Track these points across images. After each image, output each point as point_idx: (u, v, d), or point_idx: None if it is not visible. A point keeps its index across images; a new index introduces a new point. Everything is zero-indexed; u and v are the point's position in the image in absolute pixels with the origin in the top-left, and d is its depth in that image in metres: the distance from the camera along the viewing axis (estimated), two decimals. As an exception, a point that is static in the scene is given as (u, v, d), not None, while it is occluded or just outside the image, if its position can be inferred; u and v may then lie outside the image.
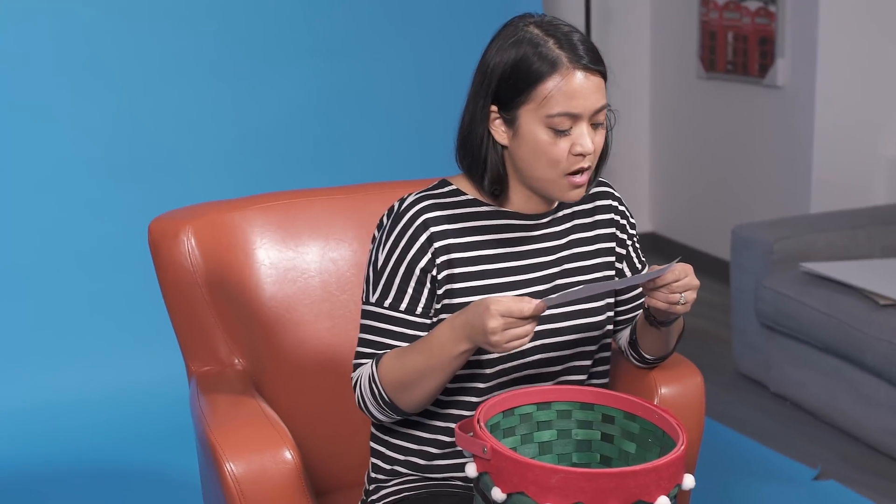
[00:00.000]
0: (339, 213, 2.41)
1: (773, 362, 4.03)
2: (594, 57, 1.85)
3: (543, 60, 1.82)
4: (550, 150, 1.84)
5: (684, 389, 2.16)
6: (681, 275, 1.86)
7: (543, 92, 1.82)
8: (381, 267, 1.94)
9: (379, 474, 2.04)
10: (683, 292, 1.86)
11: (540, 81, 1.82)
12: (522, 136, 1.86)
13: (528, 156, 1.87)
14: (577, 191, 1.90)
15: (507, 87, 1.85)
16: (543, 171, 1.87)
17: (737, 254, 4.16)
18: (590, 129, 1.86)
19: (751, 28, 4.93)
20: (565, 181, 1.88)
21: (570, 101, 1.82)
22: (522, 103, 1.84)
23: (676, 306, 1.87)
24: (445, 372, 1.85)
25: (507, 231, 1.97)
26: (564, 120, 1.83)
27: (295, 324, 2.32)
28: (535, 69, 1.82)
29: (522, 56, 1.83)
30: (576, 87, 1.82)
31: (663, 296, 1.87)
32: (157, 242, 2.31)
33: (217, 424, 2.01)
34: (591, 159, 1.88)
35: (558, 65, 1.82)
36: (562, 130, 1.83)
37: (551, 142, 1.84)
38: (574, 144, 1.84)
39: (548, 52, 1.83)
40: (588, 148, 1.84)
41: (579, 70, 1.82)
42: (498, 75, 1.86)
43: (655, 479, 1.62)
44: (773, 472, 3.50)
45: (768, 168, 5.01)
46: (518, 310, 1.72)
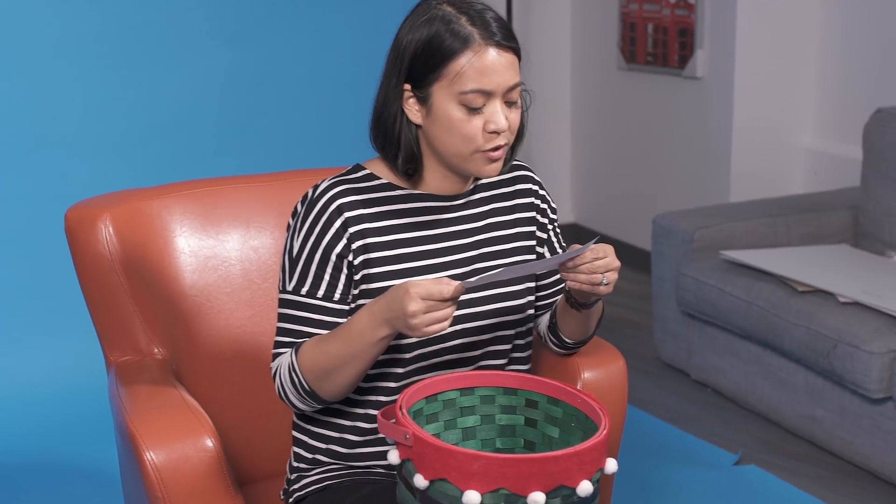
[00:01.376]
0: (259, 200, 2.39)
1: (694, 349, 4.07)
2: (507, 34, 1.85)
3: (455, 37, 1.82)
4: (464, 128, 1.84)
5: (607, 374, 2.17)
6: (601, 254, 1.86)
7: (456, 69, 1.82)
8: (296, 254, 1.92)
9: (301, 463, 2.02)
10: (605, 272, 1.86)
11: (452, 58, 1.82)
12: (436, 113, 1.85)
13: (442, 133, 1.86)
14: (493, 165, 1.89)
15: (420, 65, 1.84)
16: (457, 147, 1.86)
17: (657, 243, 4.19)
18: (504, 107, 1.85)
19: (670, 20, 4.97)
20: (480, 156, 1.87)
21: (482, 78, 1.81)
22: (435, 81, 1.84)
23: (599, 287, 1.87)
24: (366, 359, 1.83)
25: (423, 214, 1.96)
26: (477, 97, 1.82)
27: (216, 312, 2.30)
28: (447, 46, 1.82)
29: (435, 33, 1.83)
30: (488, 64, 1.82)
31: (585, 277, 1.86)
32: (74, 230, 2.27)
33: (136, 413, 1.98)
34: (507, 137, 1.87)
35: (470, 41, 1.81)
36: (475, 108, 1.83)
37: (465, 119, 1.83)
38: (488, 122, 1.84)
39: (460, 28, 1.82)
40: (502, 125, 1.84)
41: (492, 47, 1.82)
42: (410, 53, 1.85)
43: (578, 464, 1.62)
44: (694, 457, 3.54)
45: (688, 158, 5.05)
46: (438, 292, 1.72)
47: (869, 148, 4.01)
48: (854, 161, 4.34)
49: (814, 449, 3.58)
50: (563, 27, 5.76)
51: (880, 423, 3.30)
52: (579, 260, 1.85)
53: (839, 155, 4.65)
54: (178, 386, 2.14)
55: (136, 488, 2.00)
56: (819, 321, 3.44)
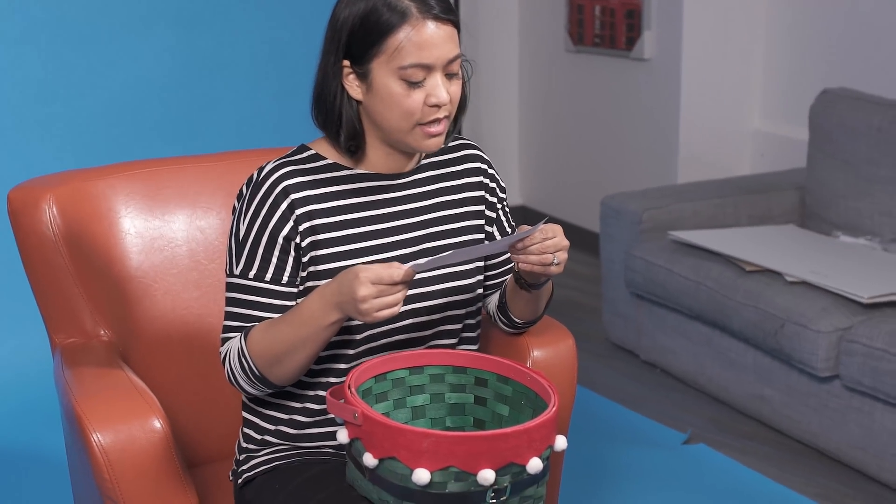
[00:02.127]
0: (206, 181, 2.36)
1: (644, 330, 4.09)
2: (445, 6, 1.84)
3: (393, 11, 1.80)
4: (404, 102, 1.83)
5: (556, 352, 2.17)
6: (550, 234, 1.85)
7: (394, 44, 1.80)
8: (242, 238, 1.90)
9: (250, 444, 2.00)
10: (555, 252, 1.86)
11: (390, 33, 1.80)
12: (376, 89, 1.84)
13: (383, 108, 1.85)
14: (434, 140, 1.88)
15: (358, 41, 1.83)
16: (398, 122, 1.85)
17: (606, 224, 4.20)
18: (444, 80, 1.84)
19: (618, 1, 4.98)
20: (420, 131, 1.86)
21: (421, 52, 1.80)
22: (374, 56, 1.82)
23: (550, 267, 1.86)
24: (316, 343, 1.82)
25: (369, 194, 1.94)
26: (417, 71, 1.81)
27: (162, 293, 2.27)
28: (384, 21, 1.80)
29: (371, 8, 1.81)
30: (427, 38, 1.80)
31: (536, 258, 1.85)
32: (17, 212, 2.24)
33: (83, 395, 1.96)
34: (448, 109, 1.86)
35: (408, 15, 1.80)
36: (415, 82, 1.82)
37: (405, 94, 1.82)
38: (429, 95, 1.83)
39: (397, 3, 1.81)
40: (443, 98, 1.83)
41: (430, 20, 1.81)
42: (348, 29, 1.83)
43: (527, 441, 1.62)
44: (643, 437, 3.56)
45: (637, 140, 5.07)
46: (388, 276, 1.70)
47: (815, 129, 4.04)
48: (800, 142, 4.37)
49: (762, 428, 3.61)
50: (511, 8, 5.75)
51: (827, 401, 3.33)
52: (529, 241, 1.84)
53: (786, 136, 4.68)
54: (125, 368, 2.11)
55: (83, 472, 1.98)
56: (767, 301, 3.46)
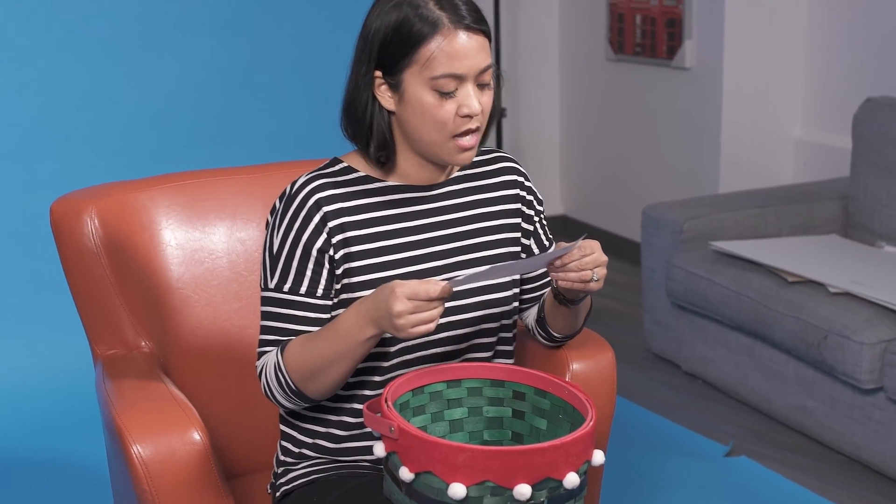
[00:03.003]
0: (246, 192, 2.38)
1: (685, 341, 4.06)
2: (476, 16, 1.83)
3: (424, 21, 1.80)
4: (437, 113, 1.83)
5: (595, 365, 2.16)
6: (588, 250, 1.84)
7: (426, 54, 1.80)
8: (276, 251, 1.90)
9: (288, 457, 2.01)
10: (594, 268, 1.85)
11: (422, 43, 1.80)
12: (408, 99, 1.84)
13: (415, 119, 1.85)
14: (466, 154, 1.88)
15: (390, 51, 1.83)
16: (430, 134, 1.85)
17: (647, 234, 4.19)
18: (476, 90, 1.84)
19: (658, 10, 4.96)
20: (453, 144, 1.86)
21: (453, 62, 1.80)
22: (406, 66, 1.82)
23: (590, 284, 1.86)
24: (352, 358, 1.82)
25: (402, 206, 1.95)
26: (449, 81, 1.81)
27: (202, 305, 2.29)
28: (416, 31, 1.81)
29: (403, 18, 1.81)
30: (458, 48, 1.80)
31: (575, 275, 1.84)
32: (60, 223, 2.26)
33: (123, 407, 1.97)
34: (480, 120, 1.86)
35: (440, 25, 1.80)
36: (447, 92, 1.82)
37: (437, 104, 1.82)
38: (461, 106, 1.83)
39: (428, 13, 1.81)
40: (475, 109, 1.83)
41: (461, 30, 1.81)
42: (380, 39, 1.84)
43: (564, 456, 1.62)
44: (685, 448, 3.54)
45: (677, 149, 5.05)
46: (424, 291, 1.70)
47: (858, 137, 4.01)
48: (843, 151, 4.33)
49: (804, 439, 3.58)
50: (552, 18, 5.75)
51: (871, 413, 3.30)
52: (567, 258, 1.83)
53: (828, 145, 4.65)
54: (164, 379, 2.13)
55: (123, 482, 1.99)
56: (809, 312, 3.43)
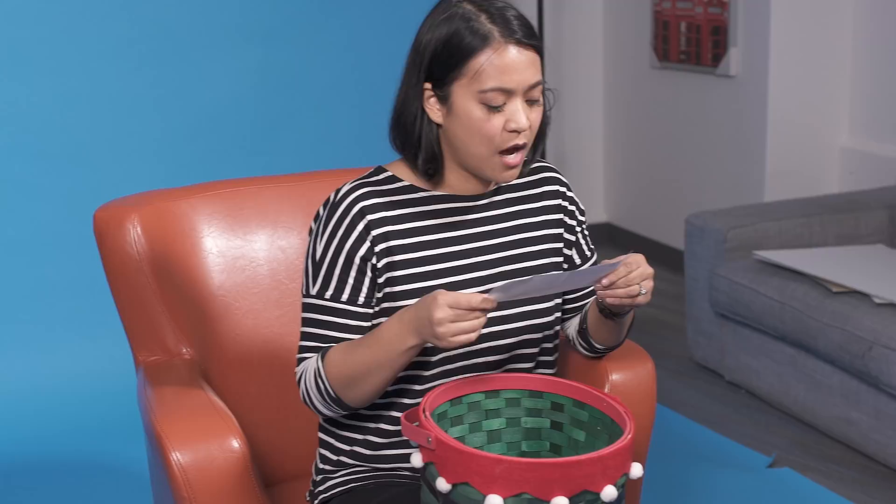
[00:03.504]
0: (286, 200, 2.39)
1: (728, 350, 4.04)
2: (528, 31, 1.83)
3: (475, 35, 1.80)
4: (484, 126, 1.82)
5: (635, 376, 2.15)
6: (634, 265, 1.83)
7: (475, 66, 1.80)
8: (319, 258, 1.91)
9: (326, 465, 2.01)
10: (641, 282, 1.84)
11: (472, 56, 1.80)
12: (456, 112, 1.84)
13: (463, 133, 1.84)
14: (511, 172, 1.87)
15: (440, 63, 1.83)
16: (477, 147, 1.84)
17: (691, 242, 4.16)
18: (525, 106, 1.83)
19: (703, 18, 4.94)
20: (499, 160, 1.85)
21: (502, 76, 1.80)
22: (455, 79, 1.82)
23: (638, 298, 1.85)
24: (392, 367, 1.82)
25: (446, 215, 1.94)
26: (497, 95, 1.80)
27: (243, 313, 2.29)
28: (466, 44, 1.80)
29: (454, 31, 1.81)
30: (508, 62, 1.80)
31: (622, 291, 1.83)
32: (103, 231, 2.28)
33: (163, 414, 1.99)
34: (527, 136, 1.85)
35: (490, 39, 1.80)
36: (495, 106, 1.81)
37: (485, 118, 1.82)
38: (508, 121, 1.82)
39: (480, 26, 1.81)
40: (523, 124, 1.82)
41: (512, 44, 1.80)
42: (431, 52, 1.84)
43: (601, 469, 1.61)
44: (728, 459, 3.51)
45: (722, 157, 5.02)
46: (465, 301, 1.70)
47: (905, 147, 3.97)
48: (891, 159, 4.29)
49: (849, 451, 3.54)
50: (596, 25, 5.74)
51: (916, 425, 3.26)
52: (614, 276, 1.82)
53: (875, 153, 4.60)
54: (205, 387, 2.14)
55: (163, 488, 2.01)
56: (854, 322, 3.40)
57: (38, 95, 4.06)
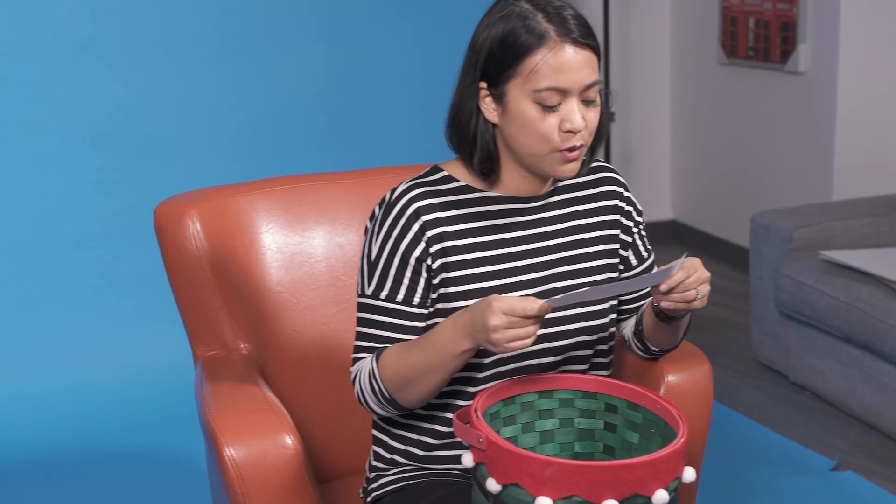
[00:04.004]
0: (346, 197, 2.39)
1: (793, 351, 3.99)
2: (585, 31, 1.81)
3: (531, 33, 1.79)
4: (539, 126, 1.80)
5: (692, 378, 2.12)
6: (690, 270, 1.80)
7: (530, 65, 1.78)
8: (374, 258, 1.91)
9: (380, 462, 2.02)
10: (698, 287, 1.82)
11: (527, 55, 1.79)
12: (511, 111, 1.82)
13: (518, 132, 1.83)
14: (570, 165, 1.85)
15: (495, 62, 1.82)
16: (533, 147, 1.83)
17: (756, 241, 4.12)
18: (580, 106, 1.81)
19: (772, 13, 4.88)
20: (557, 155, 1.83)
21: (557, 76, 1.78)
22: (510, 78, 1.81)
23: (694, 303, 1.82)
24: (446, 370, 1.81)
25: (502, 216, 1.93)
26: (552, 95, 1.79)
27: (301, 309, 2.30)
28: (522, 42, 1.79)
29: (510, 30, 1.80)
30: (564, 61, 1.78)
31: (679, 296, 1.81)
32: (163, 227, 2.30)
33: (218, 409, 2.00)
34: (584, 137, 1.83)
35: (546, 38, 1.78)
36: (550, 106, 1.79)
37: (539, 117, 1.80)
38: (563, 121, 1.80)
39: (536, 25, 1.79)
40: (578, 124, 1.80)
41: (568, 44, 1.78)
42: (486, 50, 1.83)
43: (653, 472, 1.59)
44: (790, 462, 3.47)
45: (789, 155, 4.95)
46: (521, 308, 1.68)
47: (977, 146, 3.90)
48: (962, 159, 4.21)
49: (914, 455, 3.49)
50: (664, 21, 5.69)
51: (984, 430, 3.20)
52: (672, 282, 1.80)
53: (947, 152, 4.52)
54: (260, 382, 2.15)
55: (218, 483, 2.02)
56: (921, 324, 3.34)
57: (103, 91, 4.10)
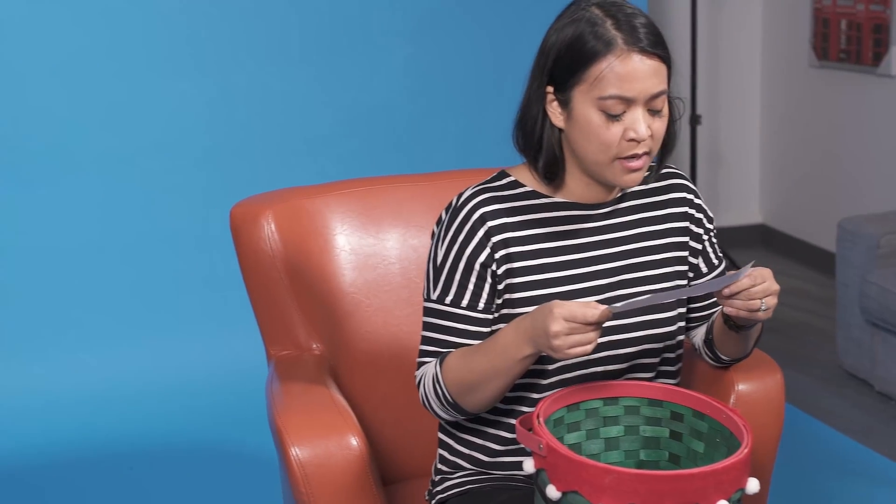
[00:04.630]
0: (419, 200, 2.40)
1: (879, 360, 3.92)
2: (654, 41, 1.78)
3: (599, 40, 1.77)
4: (602, 134, 1.79)
5: (763, 386, 2.09)
6: (758, 280, 1.78)
7: (596, 72, 1.77)
8: (440, 263, 1.91)
9: (444, 466, 2.02)
10: (764, 297, 1.79)
11: (593, 61, 1.77)
12: (576, 118, 1.81)
13: (581, 138, 1.82)
14: (633, 175, 1.83)
15: (562, 67, 1.81)
16: (595, 154, 1.81)
17: (842, 247, 4.05)
18: (646, 115, 1.79)
19: (864, 15, 4.79)
20: (619, 165, 1.81)
21: (622, 84, 1.76)
22: (576, 84, 1.79)
23: (758, 313, 1.80)
24: (509, 375, 1.81)
25: (567, 223, 1.92)
26: (617, 104, 1.77)
27: (374, 310, 2.32)
28: (589, 48, 1.78)
29: (578, 35, 1.79)
30: (630, 70, 1.76)
31: (742, 303, 1.79)
32: (239, 227, 2.33)
33: (285, 409, 2.02)
34: (648, 146, 1.81)
35: (613, 45, 1.77)
36: (614, 115, 1.78)
37: (603, 125, 1.79)
38: (627, 130, 1.78)
39: (604, 32, 1.78)
40: (642, 134, 1.78)
41: (635, 52, 1.76)
42: (554, 54, 1.82)
43: (714, 483, 1.58)
44: (872, 472, 3.41)
45: (880, 159, 4.86)
46: (582, 314, 1.68)
47: None
48: None
49: None
50: (754, 23, 5.63)
51: None
52: (736, 287, 1.78)
53: None
54: (329, 383, 2.16)
55: (285, 481, 2.04)
56: None
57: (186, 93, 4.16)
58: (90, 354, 4.02)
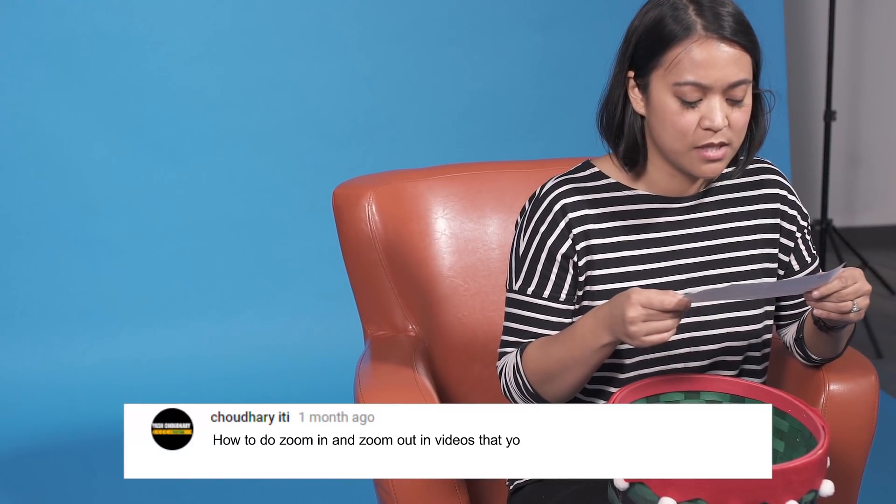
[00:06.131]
0: (523, 186, 2.39)
1: None
2: (737, 28, 1.75)
3: (678, 24, 1.75)
4: (677, 121, 1.76)
5: (856, 388, 2.03)
6: (848, 281, 1.73)
7: (672, 57, 1.75)
8: (522, 254, 1.91)
9: (525, 453, 2.02)
10: (855, 299, 1.74)
11: (671, 46, 1.75)
12: (653, 103, 1.79)
13: (658, 125, 1.80)
14: (711, 165, 1.79)
15: (642, 51, 1.79)
16: (671, 142, 1.79)
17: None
18: (724, 104, 1.76)
19: None
20: (696, 154, 1.78)
21: (699, 70, 1.73)
22: (654, 68, 1.78)
23: (849, 315, 1.75)
24: (588, 364, 1.81)
25: (649, 216, 1.90)
26: (693, 90, 1.74)
27: (472, 294, 2.33)
28: (667, 32, 1.75)
29: (659, 18, 1.77)
30: (707, 57, 1.73)
31: (833, 305, 1.74)
32: (341, 208, 2.36)
33: (368, 388, 2.04)
34: (727, 136, 1.77)
35: (692, 30, 1.74)
36: (690, 102, 1.75)
37: (678, 112, 1.76)
38: (703, 118, 1.75)
39: (685, 16, 1.75)
40: (717, 123, 1.75)
41: (714, 39, 1.73)
42: (636, 38, 1.80)
43: (783, 483, 1.55)
44: None
45: None
46: (658, 301, 1.66)
47: None
48: None
49: None
50: (897, 16, 5.48)
51: None
52: (826, 290, 1.73)
53: None
54: (419, 365, 2.17)
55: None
56: None
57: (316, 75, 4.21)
58: (194, 328, 4.11)
